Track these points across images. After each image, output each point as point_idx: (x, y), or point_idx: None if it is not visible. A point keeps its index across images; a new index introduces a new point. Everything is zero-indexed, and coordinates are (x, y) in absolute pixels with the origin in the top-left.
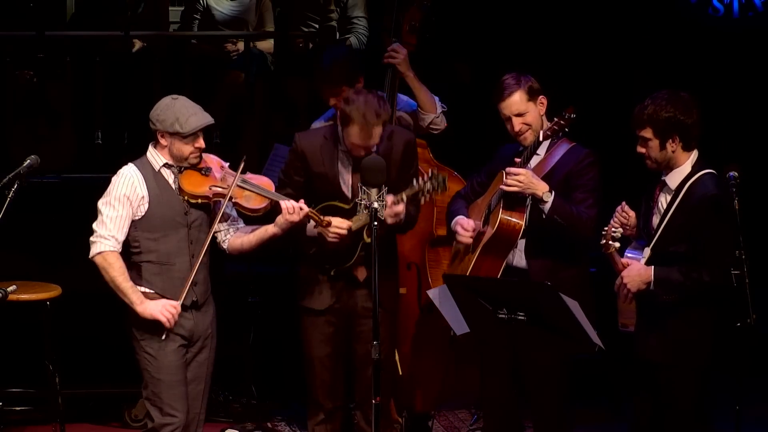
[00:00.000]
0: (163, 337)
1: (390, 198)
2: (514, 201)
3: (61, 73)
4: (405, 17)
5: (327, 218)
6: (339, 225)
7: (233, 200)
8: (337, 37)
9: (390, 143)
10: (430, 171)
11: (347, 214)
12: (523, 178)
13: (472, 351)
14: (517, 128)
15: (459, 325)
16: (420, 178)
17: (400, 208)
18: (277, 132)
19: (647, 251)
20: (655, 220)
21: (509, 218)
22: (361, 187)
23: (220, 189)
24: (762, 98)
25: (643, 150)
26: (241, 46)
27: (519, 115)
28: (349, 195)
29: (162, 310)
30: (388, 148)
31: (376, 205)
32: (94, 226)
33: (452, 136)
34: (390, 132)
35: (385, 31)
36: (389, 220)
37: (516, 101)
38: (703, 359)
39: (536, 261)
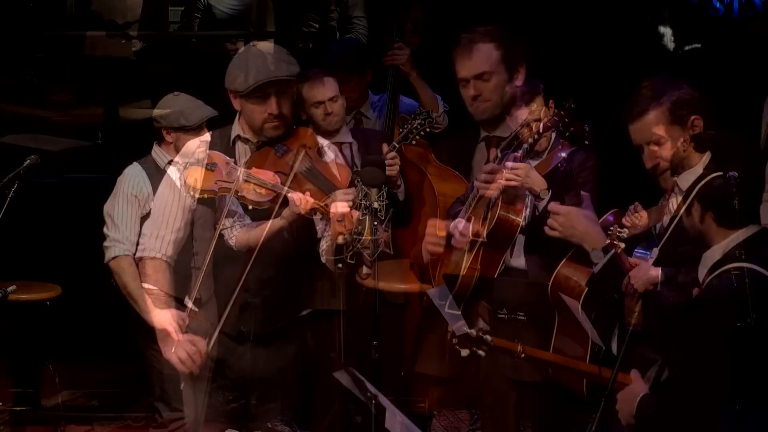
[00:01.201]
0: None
1: (384, 147)
2: (513, 197)
3: (61, 73)
4: (407, 17)
5: None
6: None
7: (239, 194)
8: (337, 38)
9: (364, 133)
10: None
11: None
12: (521, 172)
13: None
14: None
15: (459, 325)
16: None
17: (394, 153)
18: None
19: (656, 251)
20: (666, 220)
21: (507, 214)
22: (361, 187)
23: (225, 183)
24: (762, 98)
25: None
26: (241, 45)
27: None
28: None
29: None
30: (364, 138)
31: (376, 205)
32: (105, 230)
33: (452, 136)
34: (361, 128)
35: (387, 30)
36: (389, 171)
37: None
38: (707, 360)
39: (535, 258)
